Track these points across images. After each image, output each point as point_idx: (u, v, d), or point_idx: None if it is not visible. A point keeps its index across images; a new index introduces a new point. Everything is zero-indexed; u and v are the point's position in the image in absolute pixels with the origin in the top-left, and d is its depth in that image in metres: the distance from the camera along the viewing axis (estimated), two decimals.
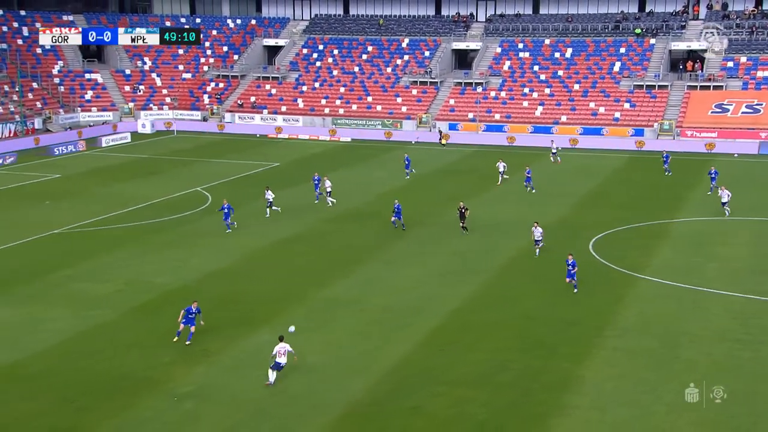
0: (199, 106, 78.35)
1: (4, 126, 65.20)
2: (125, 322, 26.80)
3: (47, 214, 41.32)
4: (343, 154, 63.00)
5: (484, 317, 27.36)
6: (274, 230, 38.56)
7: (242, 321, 26.82)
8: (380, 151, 63.87)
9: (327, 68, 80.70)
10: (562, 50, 76.50)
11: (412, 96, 75.56)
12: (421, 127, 71.69)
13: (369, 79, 78.34)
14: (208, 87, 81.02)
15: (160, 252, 34.87)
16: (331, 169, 54.77)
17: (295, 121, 74.21)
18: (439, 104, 74.20)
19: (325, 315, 27.63)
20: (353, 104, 75.41)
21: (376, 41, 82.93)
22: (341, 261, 33.83)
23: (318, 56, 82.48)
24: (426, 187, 49.70)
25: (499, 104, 72.49)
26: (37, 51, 79.13)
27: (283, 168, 56.57)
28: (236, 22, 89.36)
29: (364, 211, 43.04)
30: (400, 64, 79.54)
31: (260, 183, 50.25)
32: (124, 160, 58.88)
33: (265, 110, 76.05)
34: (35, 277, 31.27)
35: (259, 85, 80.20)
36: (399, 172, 54.43)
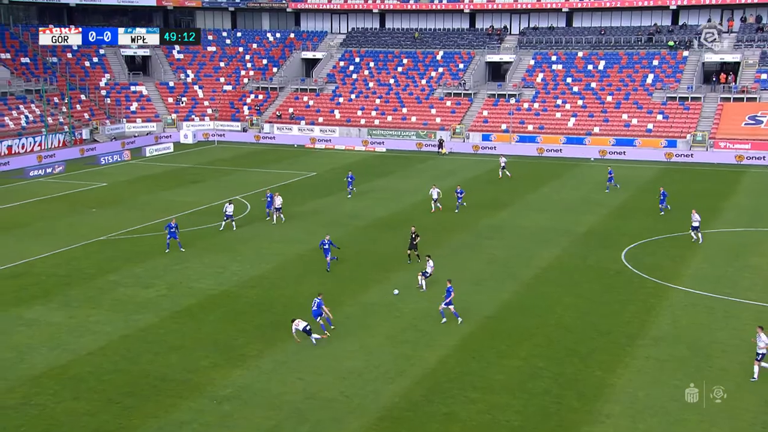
0: (239, 117, 79.18)
1: (53, 136, 66.54)
2: (167, 325, 27.13)
3: (94, 222, 42.02)
4: (378, 164, 63.09)
5: (517, 324, 27.19)
6: (311, 237, 38.75)
7: (281, 325, 26.98)
8: (414, 161, 63.93)
9: (363, 80, 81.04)
10: (595, 62, 75.92)
11: (446, 107, 75.52)
12: (454, 137, 71.63)
13: (404, 90, 78.49)
14: (248, 99, 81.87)
15: (201, 258, 35.26)
16: (366, 179, 55.03)
17: (332, 131, 74.61)
18: (473, 115, 74.06)
19: (361, 320, 27.68)
20: (388, 115, 75.58)
21: (412, 54, 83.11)
22: (376, 267, 33.88)
23: (354, 68, 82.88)
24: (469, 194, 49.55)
25: (531, 115, 72.12)
26: (86, 64, 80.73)
27: (319, 177, 56.89)
28: (275, 35, 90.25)
29: (399, 219, 43.09)
30: (434, 76, 79.59)
31: (298, 191, 50.66)
32: (167, 169, 59.69)
33: (303, 121, 76.58)
34: (84, 282, 31.81)
35: (297, 96, 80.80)
36: (432, 181, 54.38)
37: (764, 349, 22.34)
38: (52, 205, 46.91)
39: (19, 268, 33.63)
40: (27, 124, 67.31)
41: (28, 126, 67.18)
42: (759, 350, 22.42)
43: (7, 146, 62.19)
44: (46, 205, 46.59)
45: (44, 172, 57.10)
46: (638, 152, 64.92)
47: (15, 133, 64.99)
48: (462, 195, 45.08)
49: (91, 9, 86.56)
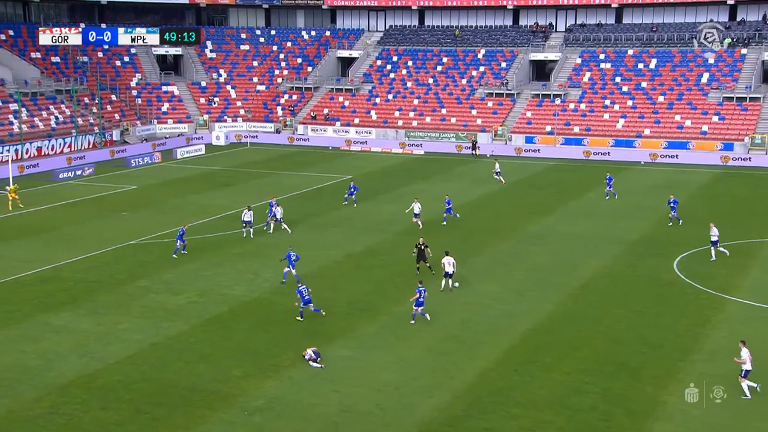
0: (273, 119, 79.76)
1: (83, 137, 67.71)
2: (197, 333, 27.34)
3: (124, 225, 42.60)
4: (416, 167, 63.02)
5: (562, 337, 26.87)
6: (348, 243, 38.81)
7: (314, 334, 27.02)
8: (453, 164, 63.71)
9: (401, 80, 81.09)
10: (646, 61, 74.96)
11: (488, 108, 75.19)
12: (496, 140, 71.26)
13: (443, 90, 78.35)
14: (281, 99, 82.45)
15: (233, 263, 35.52)
16: (404, 183, 54.96)
17: (368, 133, 74.75)
18: (516, 117, 73.61)
19: (398, 330, 27.59)
20: (427, 116, 75.50)
21: (452, 52, 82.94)
22: (414, 275, 33.70)
23: (392, 68, 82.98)
24: (504, 201, 49.31)
25: (578, 117, 71.45)
26: (116, 64, 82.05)
27: (355, 181, 56.94)
28: (311, 33, 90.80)
29: (438, 224, 42.94)
30: (475, 75, 79.32)
31: (333, 195, 50.82)
32: (199, 172, 60.34)
33: (338, 122, 76.87)
34: (114, 287, 32.24)
35: (332, 97, 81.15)
36: (473, 185, 54.21)
37: (749, 364, 22.28)
38: (81, 208, 47.68)
39: (47, 273, 34.21)
40: (57, 125, 68.61)
41: (58, 127, 68.47)
42: (743, 366, 22.37)
43: (36, 147, 63.46)
44: (75, 208, 47.37)
45: (74, 174, 58.11)
46: (692, 156, 63.87)
47: (45, 134, 66.29)
48: (450, 205, 42.74)
49: (123, 7, 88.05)
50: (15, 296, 31.05)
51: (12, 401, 22.32)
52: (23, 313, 29.16)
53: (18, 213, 45.77)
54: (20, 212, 45.94)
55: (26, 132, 64.20)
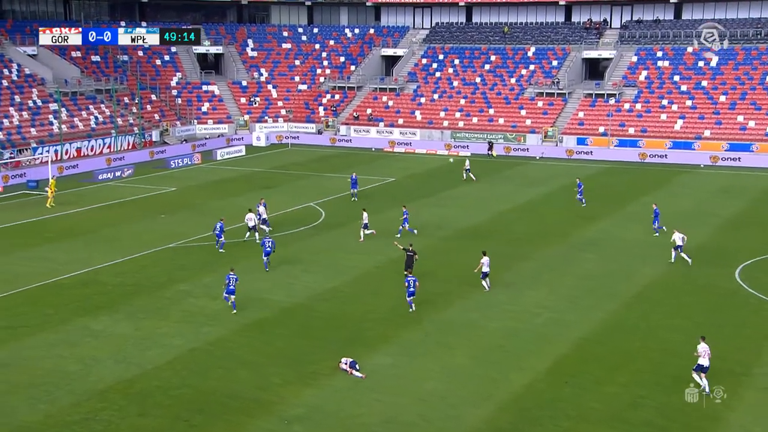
0: (315, 119, 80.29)
1: (123, 138, 68.98)
2: (237, 339, 27.64)
3: (163, 228, 43.27)
4: (462, 169, 62.82)
5: (615, 348, 26.56)
6: (390, 248, 38.89)
7: (355, 341, 27.14)
8: (501, 167, 63.39)
9: (447, 79, 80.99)
10: (707, 58, 73.70)
11: (538, 108, 74.69)
12: (546, 141, 70.75)
13: (491, 90, 78.06)
14: (323, 99, 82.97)
15: (273, 268, 35.82)
16: (449, 186, 54.86)
17: (412, 134, 74.80)
18: (567, 117, 72.99)
19: (442, 339, 27.57)
20: (474, 117, 75.29)
21: (500, 50, 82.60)
22: (459, 281, 33.70)
23: (438, 66, 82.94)
24: (553, 204, 48.94)
25: (633, 117, 70.57)
26: (157, 62, 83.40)
27: (399, 183, 57.08)
28: (354, 31, 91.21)
29: (486, 229, 42.81)
30: (525, 74, 78.86)
31: (376, 198, 50.97)
32: (239, 174, 61.01)
33: (382, 123, 77.05)
34: (152, 291, 32.77)
35: (375, 96, 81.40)
36: (521, 188, 53.89)
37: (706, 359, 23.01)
38: (120, 210, 48.55)
39: (86, 277, 34.90)
40: (96, 126, 70.00)
41: (98, 127, 69.85)
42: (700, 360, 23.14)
43: (76, 148, 64.83)
44: (114, 210, 48.27)
45: (113, 175, 59.21)
46: (756, 158, 62.60)
47: (84, 134, 67.69)
48: (407, 216, 41.21)
49: (164, 5, 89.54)
50: (54, 299, 31.76)
51: (50, 406, 22.82)
52: (61, 316, 29.81)
53: (59, 214, 46.76)
54: (60, 213, 46.93)
55: (66, 132, 65.63)
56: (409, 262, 33.35)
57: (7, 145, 61.09)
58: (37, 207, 48.75)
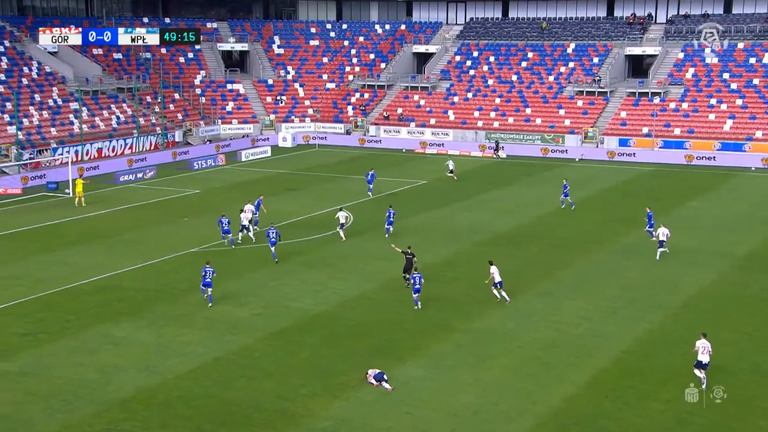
0: (343, 119, 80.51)
1: (145, 138, 69.68)
2: (262, 348, 27.74)
3: (186, 232, 43.59)
4: (497, 172, 62.61)
5: (660, 361, 26.26)
6: (421, 253, 38.77)
7: (385, 352, 27.11)
8: (538, 169, 63.10)
9: (482, 77, 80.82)
10: (759, 55, 72.80)
11: (577, 108, 74.25)
12: (586, 142, 70.29)
13: (528, 88, 77.75)
14: (352, 98, 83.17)
15: (299, 274, 35.94)
16: (484, 189, 54.67)
17: (445, 134, 74.71)
18: (608, 117, 72.48)
19: (476, 350, 27.45)
20: (509, 117, 75.04)
21: (538, 47, 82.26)
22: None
23: (472, 64, 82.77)
24: (594, 209, 48.60)
25: (679, 117, 69.89)
26: (180, 60, 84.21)
27: (430, 186, 57.02)
28: (384, 27, 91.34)
29: (522, 234, 42.61)
30: (564, 72, 78.44)
31: (407, 201, 50.93)
32: (264, 175, 61.32)
33: (413, 123, 77.05)
34: (175, 298, 33.01)
35: (406, 95, 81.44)
36: (560, 192, 53.53)
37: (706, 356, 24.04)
38: (142, 212, 49.01)
39: (107, 282, 35.26)
40: (118, 125, 70.82)
41: (120, 127, 70.66)
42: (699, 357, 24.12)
43: (97, 149, 65.62)
44: (136, 213, 48.75)
45: (135, 177, 59.83)
46: None
47: (106, 134, 68.50)
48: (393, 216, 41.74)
49: (187, 1, 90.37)
50: (74, 305, 32.12)
51: (69, 416, 23.04)
52: (82, 323, 30.13)
53: (79, 217, 47.30)
54: (80, 216, 47.49)
55: (87, 132, 66.46)
56: (408, 266, 33.54)
57: (26, 146, 61.96)
58: (57, 209, 49.42)
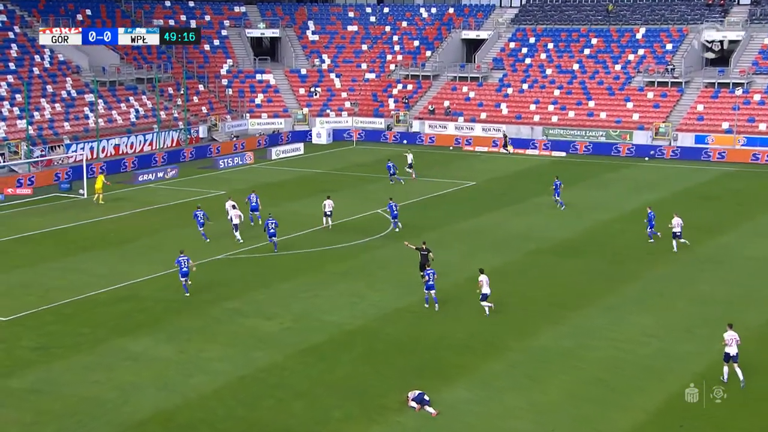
0: (383, 113, 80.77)
1: (166, 134, 70.61)
2: (292, 366, 27.94)
3: (210, 237, 43.96)
4: (556, 171, 62.25)
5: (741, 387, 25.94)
6: (470, 263, 38.82)
7: (429, 372, 27.15)
8: (603, 169, 62.66)
9: (539, 66, 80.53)
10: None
11: (648, 100, 73.67)
12: (657, 139, 69.65)
13: (592, 79, 77.31)
14: (394, 89, 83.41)
15: (334, 284, 36.14)
16: (540, 191, 54.40)
17: (497, 130, 74.54)
18: (683, 111, 71.79)
19: (530, 370, 27.39)
20: (570, 110, 74.67)
21: (603, 32, 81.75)
22: (551, 303, 33.47)
23: (528, 51, 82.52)
24: (666, 214, 48.15)
25: (765, 111, 68.99)
26: (205, 48, 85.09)
27: (479, 188, 56.93)
28: (430, 11, 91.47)
29: (583, 242, 42.40)
30: (632, 60, 77.88)
31: (454, 205, 50.92)
32: (296, 175, 61.72)
33: (461, 117, 77.02)
34: (197, 309, 33.38)
35: (454, 87, 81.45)
36: (626, 195, 53.16)
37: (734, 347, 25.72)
38: (162, 215, 49.63)
39: (124, 292, 35.77)
40: (137, 120, 71.86)
41: (138, 121, 71.69)
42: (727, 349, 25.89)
43: (114, 145, 66.65)
44: (155, 216, 49.39)
45: (155, 176, 60.61)
46: None
47: (123, 129, 69.54)
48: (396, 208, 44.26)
49: None
50: (88, 317, 32.65)
51: None
52: (97, 337, 30.61)
53: (93, 220, 48.05)
54: (95, 219, 48.24)
55: (103, 127, 67.51)
56: (424, 261, 34.77)
57: (37, 141, 63.02)
58: (70, 211, 50.26)
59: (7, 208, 51.52)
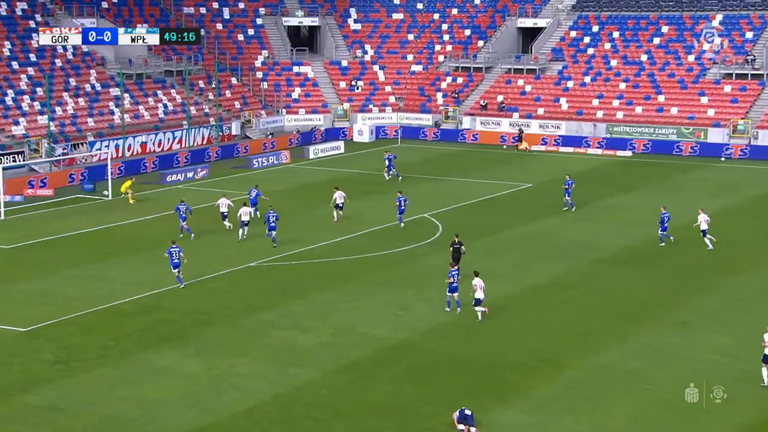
0: (431, 108, 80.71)
1: (196, 131, 71.20)
2: (331, 383, 27.98)
3: (241, 243, 44.25)
4: (621, 173, 61.81)
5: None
6: (526, 272, 38.66)
7: (479, 391, 27.05)
8: (673, 170, 62.05)
9: (603, 57, 79.99)
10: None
11: (724, 95, 72.87)
12: (735, 137, 68.77)
13: (662, 71, 76.65)
14: (443, 83, 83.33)
15: (377, 295, 36.14)
16: (603, 194, 53.99)
17: (556, 127, 74.15)
18: (765, 106, 70.82)
19: (591, 391, 27.19)
20: (637, 105, 74.06)
21: (675, 19, 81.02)
22: (615, 317, 33.20)
23: (591, 41, 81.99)
24: (745, 221, 47.85)
25: None
26: (239, 38, 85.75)
27: (536, 190, 56.62)
28: None
29: (649, 252, 42.03)
30: (708, 50, 77.05)
31: (508, 209, 50.70)
32: (335, 176, 61.79)
33: (516, 113, 76.71)
34: (228, 321, 33.57)
35: (509, 80, 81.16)
36: (701, 198, 52.52)
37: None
38: (191, 219, 49.93)
39: (149, 301, 36.07)
40: (165, 115, 72.59)
41: (167, 117, 72.42)
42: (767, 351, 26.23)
43: (141, 143, 67.35)
44: None
45: (184, 176, 61.09)
46: None
47: (151, 126, 70.27)
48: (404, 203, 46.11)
49: None
50: (113, 328, 32.97)
51: None
52: (121, 349, 30.92)
53: (118, 224, 48.58)
54: (119, 223, 48.79)
55: (129, 123, 68.28)
56: (456, 256, 35.64)
57: (59, 139, 63.87)
58: (93, 214, 50.83)
59: (26, 210, 52.21)
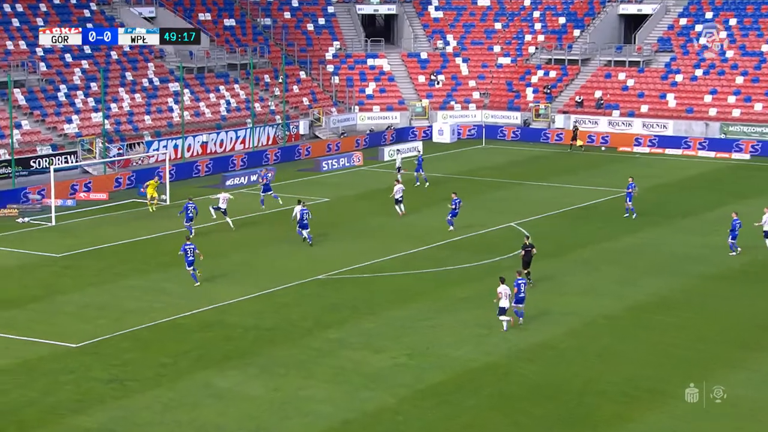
0: (520, 105, 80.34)
1: (261, 130, 71.79)
2: (406, 410, 27.92)
3: (310, 253, 44.51)
4: (737, 178, 60.82)
5: None
6: (627, 288, 38.24)
7: (575, 422, 26.83)
8: None
9: (718, 47, 78.70)
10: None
11: None
12: None
13: None
14: (533, 77, 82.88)
15: (457, 312, 36.03)
16: (715, 202, 53.14)
17: (663, 127, 73.30)
18: None
19: (702, 425, 26.74)
20: (757, 102, 72.85)
21: None
22: (728, 342, 32.69)
23: (704, 29, 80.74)
24: None
25: None
26: (308, 28, 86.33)
27: (639, 199, 55.89)
28: None
29: None
30: None
31: (607, 218, 50.16)
32: (412, 179, 61.81)
33: (617, 111, 75.97)
34: (295, 339, 33.75)
35: (608, 73, 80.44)
36: None
37: None
38: (255, 227, 50.36)
39: (209, 317, 36.45)
40: (228, 113, 73.36)
41: (229, 115, 73.19)
42: None
43: (201, 143, 68.10)
44: (247, 228, 50.11)
45: (247, 180, 61.62)
46: None
47: (212, 124, 71.10)
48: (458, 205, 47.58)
49: None
50: (170, 345, 33.41)
51: None
52: (179, 369, 31.28)
53: (176, 231, 49.19)
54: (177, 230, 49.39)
55: (189, 122, 69.16)
56: (528, 259, 36.57)
57: (114, 138, 64.92)
58: (150, 221, 51.49)
59: (79, 216, 53.10)
